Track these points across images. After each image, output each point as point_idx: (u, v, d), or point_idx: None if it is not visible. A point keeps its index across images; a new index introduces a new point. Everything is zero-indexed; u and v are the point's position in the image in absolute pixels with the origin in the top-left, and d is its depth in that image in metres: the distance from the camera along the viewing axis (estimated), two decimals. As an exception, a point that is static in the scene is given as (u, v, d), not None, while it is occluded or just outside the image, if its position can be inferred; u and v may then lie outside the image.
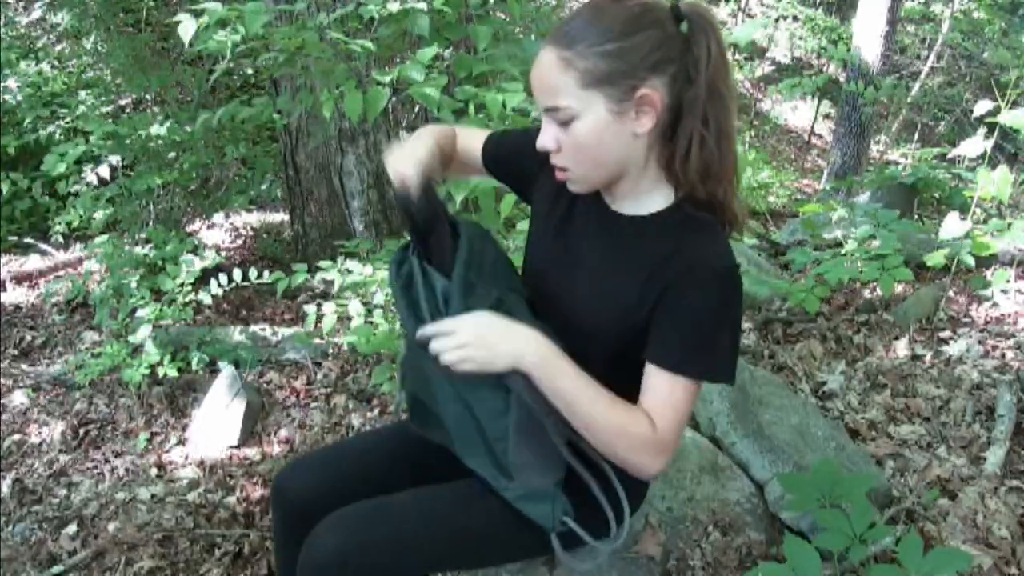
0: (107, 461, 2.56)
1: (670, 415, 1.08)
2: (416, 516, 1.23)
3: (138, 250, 3.30)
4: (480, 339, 1.03)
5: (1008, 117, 2.48)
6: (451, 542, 1.24)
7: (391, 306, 2.41)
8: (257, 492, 2.33)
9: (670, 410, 1.08)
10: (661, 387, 1.08)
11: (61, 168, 3.33)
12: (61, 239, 4.03)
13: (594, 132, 1.05)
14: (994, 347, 2.53)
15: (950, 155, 3.71)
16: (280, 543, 1.41)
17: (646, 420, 1.07)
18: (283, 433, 2.62)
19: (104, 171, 3.49)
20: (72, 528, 2.25)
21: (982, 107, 2.65)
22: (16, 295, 3.89)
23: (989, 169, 2.67)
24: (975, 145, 2.77)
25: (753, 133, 9.99)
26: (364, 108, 1.87)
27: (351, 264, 2.53)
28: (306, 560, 1.21)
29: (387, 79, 1.88)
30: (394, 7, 1.91)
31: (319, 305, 2.55)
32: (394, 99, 2.11)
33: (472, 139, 1.41)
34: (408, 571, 1.27)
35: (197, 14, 1.91)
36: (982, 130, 2.79)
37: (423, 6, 1.92)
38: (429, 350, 1.04)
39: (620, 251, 1.15)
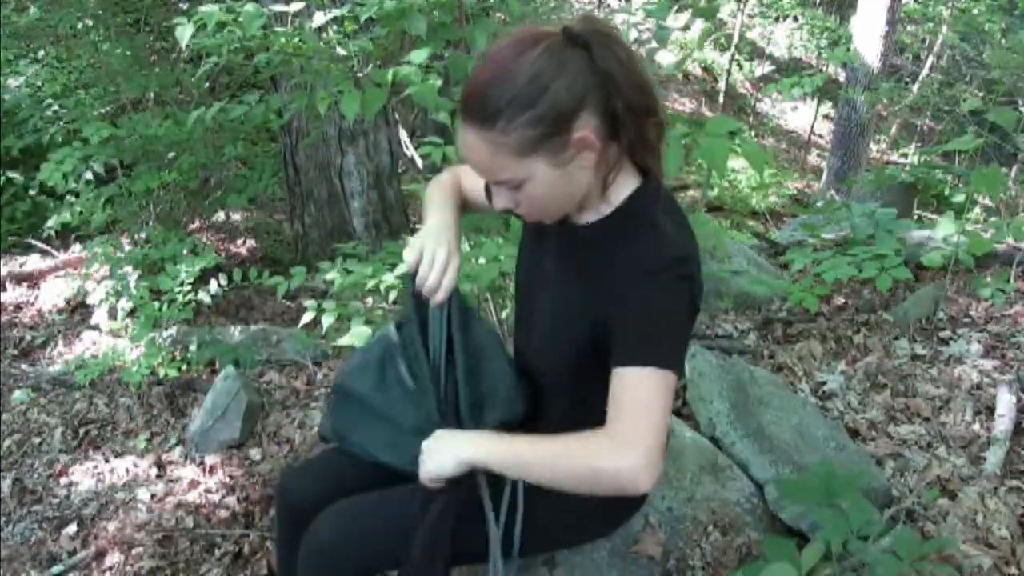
0: (107, 461, 2.56)
1: (632, 410, 1.03)
2: (414, 507, 1.24)
3: (138, 250, 3.30)
4: (428, 453, 1.16)
5: (996, 114, 2.49)
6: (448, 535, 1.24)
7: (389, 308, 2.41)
8: (257, 492, 2.33)
9: (631, 405, 1.03)
10: (624, 385, 1.05)
11: (58, 176, 3.34)
12: (55, 236, 4.02)
13: (543, 188, 1.05)
14: (994, 347, 2.53)
15: (942, 150, 3.71)
16: (282, 544, 1.43)
17: (596, 436, 1.05)
18: (283, 433, 2.62)
19: (100, 169, 3.49)
20: (72, 528, 2.25)
21: (971, 104, 2.66)
22: (16, 295, 3.89)
23: (982, 167, 2.67)
24: (965, 142, 2.78)
25: (752, 133, 9.99)
26: (361, 107, 1.88)
27: (351, 264, 2.53)
28: (306, 551, 1.23)
29: (386, 80, 1.88)
30: (390, 5, 1.91)
31: (319, 305, 2.55)
32: (393, 99, 2.11)
33: (475, 178, 1.38)
34: None
35: (194, 17, 1.91)
36: (973, 128, 2.80)
37: (421, 1, 1.92)
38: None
39: (574, 262, 1.18)
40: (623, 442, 1.01)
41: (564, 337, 1.19)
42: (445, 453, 1.15)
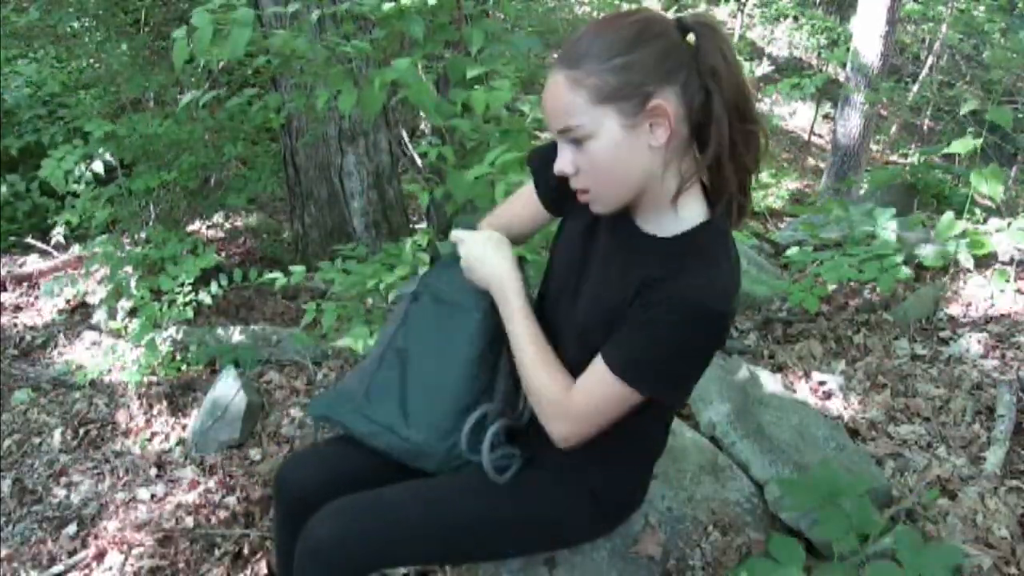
0: (107, 461, 2.56)
1: (587, 394, 1.13)
2: (412, 506, 1.25)
3: (138, 250, 3.30)
4: (473, 256, 1.29)
5: (993, 113, 2.49)
6: (445, 533, 1.25)
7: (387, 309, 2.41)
8: (257, 492, 2.32)
9: (589, 392, 1.13)
10: (595, 373, 1.12)
11: (60, 173, 3.34)
12: (62, 240, 4.03)
13: (609, 149, 1.04)
14: (994, 347, 2.53)
15: (943, 152, 3.71)
16: (280, 534, 1.43)
17: (564, 386, 1.16)
18: (283, 433, 2.62)
19: (101, 169, 3.49)
20: (72, 528, 2.25)
21: (970, 105, 2.66)
22: (16, 295, 3.89)
23: (982, 167, 2.67)
24: (965, 144, 2.78)
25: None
26: (359, 104, 1.88)
27: (351, 264, 2.53)
28: (303, 549, 1.23)
29: (383, 80, 1.88)
30: (388, 6, 1.92)
31: (318, 304, 2.55)
32: (393, 99, 2.11)
33: (513, 204, 1.41)
34: (402, 561, 1.29)
35: (189, 26, 1.91)
36: (972, 128, 2.80)
37: (419, 3, 1.93)
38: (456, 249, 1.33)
39: (625, 266, 1.15)
40: (566, 413, 1.16)
41: (602, 307, 1.18)
42: (481, 256, 1.27)
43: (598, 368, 1.11)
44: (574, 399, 1.14)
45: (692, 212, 1.12)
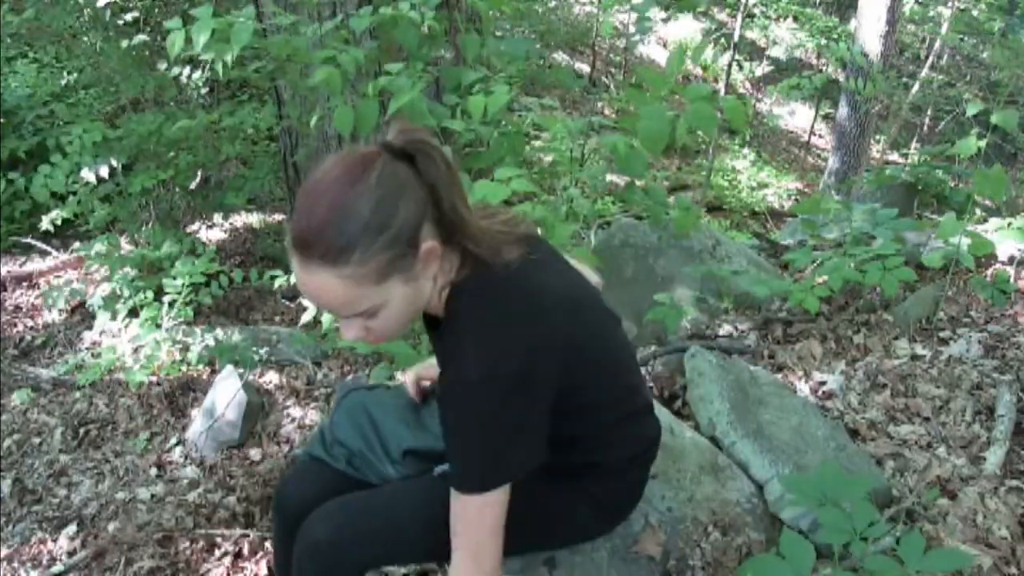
0: (107, 461, 2.56)
1: (460, 536, 1.10)
2: (408, 505, 1.26)
3: (137, 250, 3.30)
4: None
5: (999, 116, 2.48)
6: (441, 532, 1.25)
7: None
8: (257, 492, 2.32)
9: (460, 529, 1.10)
10: (452, 509, 1.11)
11: (45, 193, 3.35)
12: (52, 233, 4.02)
13: (399, 307, 1.05)
14: (994, 347, 2.53)
15: (947, 153, 3.71)
16: (280, 547, 1.43)
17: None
18: (283, 433, 2.62)
19: (92, 178, 3.49)
20: (72, 528, 2.25)
21: (974, 107, 2.66)
22: (16, 295, 3.89)
23: (983, 167, 2.67)
24: (969, 144, 2.77)
25: (752, 134, 9.99)
26: (356, 123, 1.90)
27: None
28: (301, 550, 1.23)
29: (374, 90, 1.89)
30: (385, 12, 1.93)
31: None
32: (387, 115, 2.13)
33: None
34: (399, 559, 1.30)
35: (187, 23, 1.92)
36: (975, 129, 2.80)
37: (415, 15, 1.93)
38: None
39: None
40: (474, 566, 1.10)
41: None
42: None
43: (452, 501, 1.10)
44: (456, 549, 1.10)
45: (445, 279, 1.12)
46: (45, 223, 3.61)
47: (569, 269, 1.27)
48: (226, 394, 2.62)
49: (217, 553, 2.08)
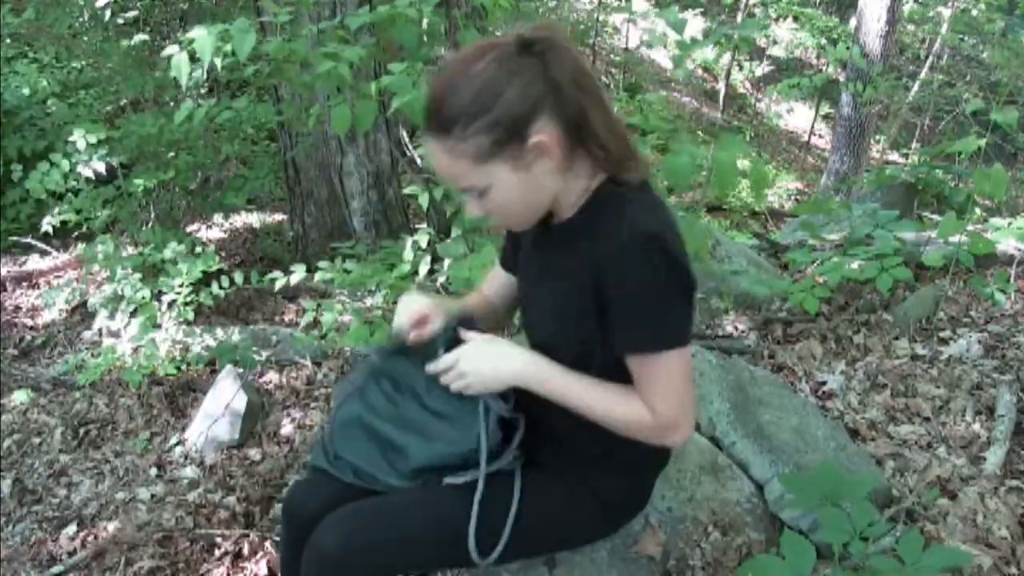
0: (107, 461, 2.56)
1: (663, 394, 1.12)
2: (416, 512, 1.25)
3: (138, 251, 3.30)
4: (477, 369, 1.19)
5: (999, 115, 2.48)
6: (449, 539, 1.24)
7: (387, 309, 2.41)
8: (257, 492, 2.32)
9: (661, 389, 1.12)
10: (643, 372, 1.13)
11: (57, 177, 3.34)
12: (52, 234, 4.02)
13: (508, 193, 1.09)
14: (994, 347, 2.53)
15: (945, 152, 3.71)
16: (288, 555, 1.42)
17: (639, 407, 1.14)
18: (283, 433, 2.62)
19: (101, 168, 3.48)
20: (72, 528, 2.25)
21: (973, 105, 2.66)
22: (16, 295, 3.89)
23: (983, 167, 2.67)
24: (968, 143, 2.77)
25: (752, 133, 9.99)
26: (354, 121, 1.91)
27: (350, 264, 2.54)
28: (310, 559, 1.23)
29: (377, 89, 1.89)
30: (383, 10, 1.93)
31: (318, 304, 2.55)
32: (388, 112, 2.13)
33: (491, 280, 1.48)
34: (408, 567, 1.29)
35: (184, 43, 1.92)
36: (975, 129, 2.80)
37: (413, 13, 1.94)
38: (440, 381, 1.23)
39: (555, 263, 1.20)
40: (668, 425, 1.14)
41: (565, 336, 1.21)
42: (491, 365, 1.19)
43: (645, 362, 1.11)
44: (658, 407, 1.13)
45: (581, 184, 1.15)
46: (46, 224, 3.62)
47: None
48: (226, 394, 2.62)
49: (217, 553, 2.08)
